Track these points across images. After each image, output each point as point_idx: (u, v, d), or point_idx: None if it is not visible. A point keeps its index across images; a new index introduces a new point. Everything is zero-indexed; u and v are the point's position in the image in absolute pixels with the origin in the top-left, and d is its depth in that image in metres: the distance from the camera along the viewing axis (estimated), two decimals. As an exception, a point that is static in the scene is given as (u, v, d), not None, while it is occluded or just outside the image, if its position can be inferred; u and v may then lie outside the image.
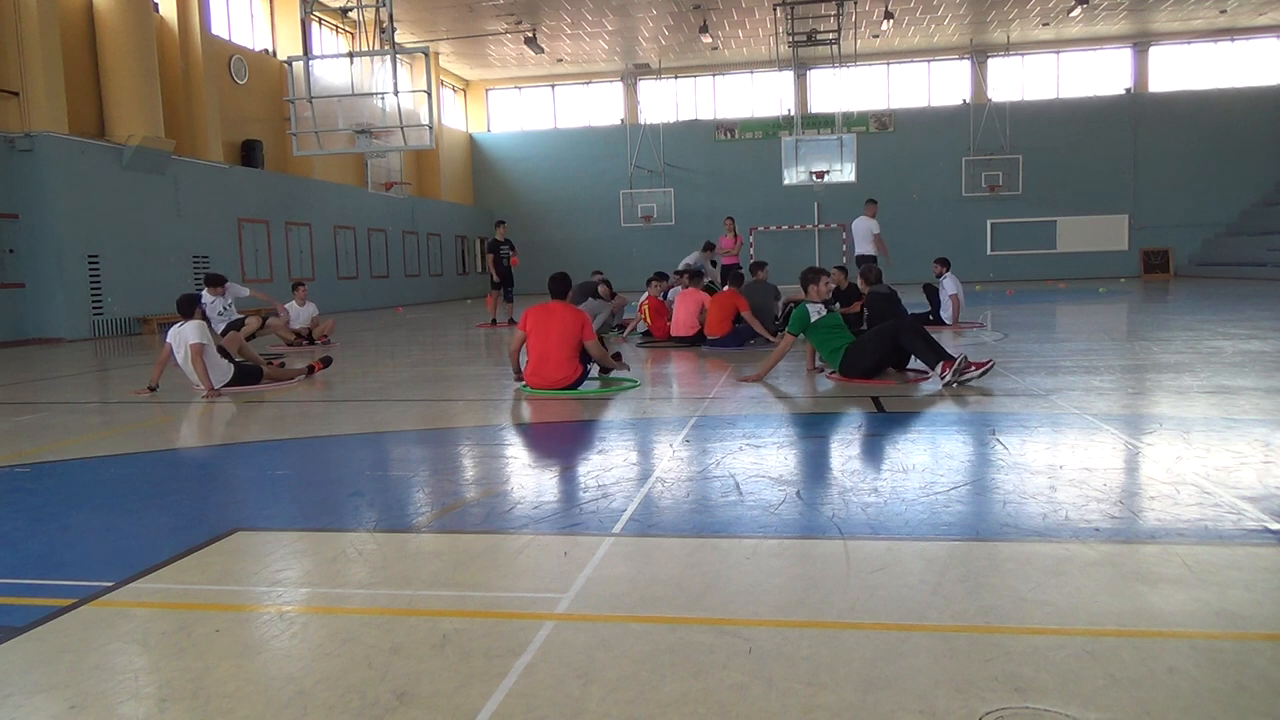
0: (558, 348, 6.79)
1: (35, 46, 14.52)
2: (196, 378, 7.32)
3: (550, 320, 6.84)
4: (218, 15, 20.18)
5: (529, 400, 6.70)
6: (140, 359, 11.07)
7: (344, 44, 24.43)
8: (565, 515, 3.53)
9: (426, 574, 2.97)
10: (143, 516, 3.84)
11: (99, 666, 2.28)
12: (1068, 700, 1.95)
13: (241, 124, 20.49)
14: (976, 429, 5.16)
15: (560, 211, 31.28)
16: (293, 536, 3.43)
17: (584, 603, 2.61)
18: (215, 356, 7.47)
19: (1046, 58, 29.76)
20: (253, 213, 19.75)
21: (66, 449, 5.27)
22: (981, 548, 3.02)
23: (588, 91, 32.02)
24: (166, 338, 7.46)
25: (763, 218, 30.07)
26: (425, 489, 4.19)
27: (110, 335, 15.36)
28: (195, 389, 7.42)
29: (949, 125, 29.38)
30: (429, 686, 2.11)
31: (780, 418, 5.68)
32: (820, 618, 2.46)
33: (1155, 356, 8.07)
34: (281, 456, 5.08)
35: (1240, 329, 10.21)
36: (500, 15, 24.40)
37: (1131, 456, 4.34)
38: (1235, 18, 27.06)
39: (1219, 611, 2.41)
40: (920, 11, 25.61)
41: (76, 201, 14.97)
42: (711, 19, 25.26)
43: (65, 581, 2.99)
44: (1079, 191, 28.81)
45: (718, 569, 2.87)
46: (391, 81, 12.32)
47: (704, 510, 3.58)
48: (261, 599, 2.75)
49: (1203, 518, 3.22)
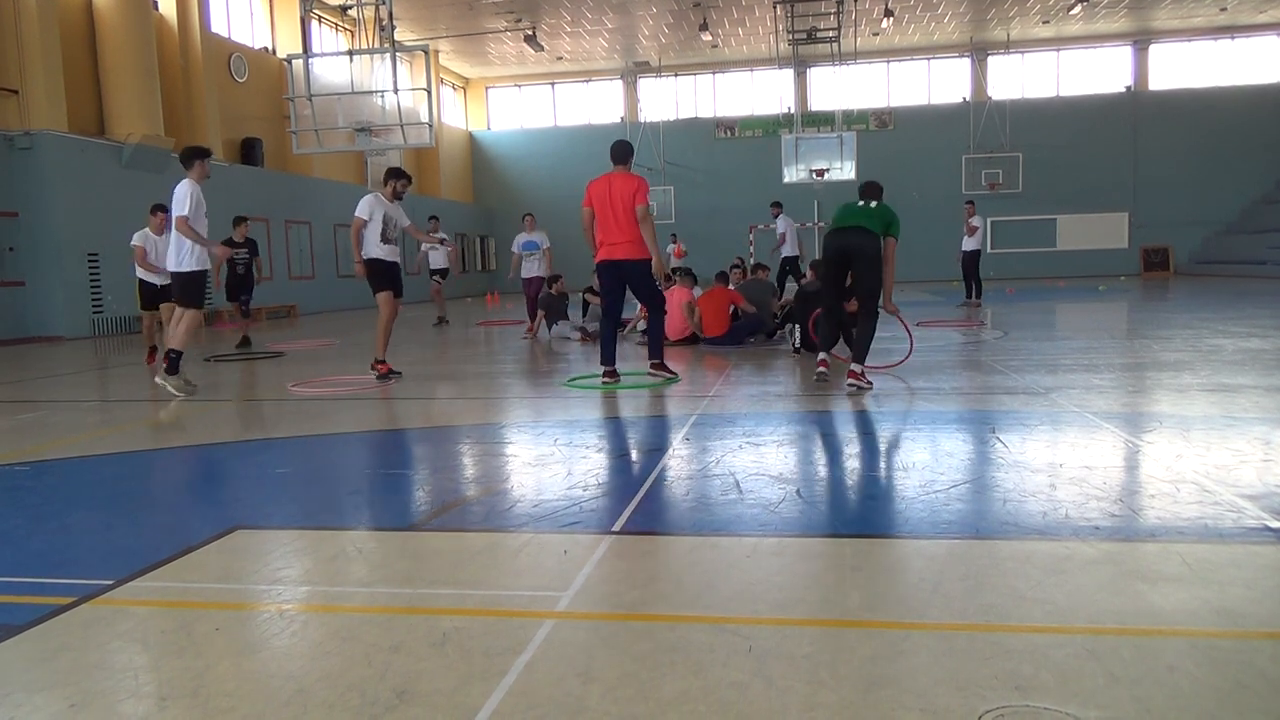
0: (617, 214, 7.14)
1: (35, 45, 14.51)
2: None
3: (610, 187, 7.19)
4: (217, 13, 20.16)
5: (530, 400, 6.70)
6: (140, 358, 11.07)
7: (344, 42, 24.40)
8: (565, 513, 3.53)
9: (426, 572, 2.97)
10: (142, 515, 3.84)
11: (99, 665, 2.28)
12: (1068, 699, 1.95)
13: (241, 122, 20.47)
14: (976, 427, 5.16)
15: (560, 210, 31.14)
16: (293, 535, 3.43)
17: (584, 601, 2.61)
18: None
19: (1047, 55, 29.74)
20: (253, 211, 19.65)
21: (66, 447, 5.27)
22: (981, 546, 3.02)
23: (588, 89, 32.01)
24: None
25: (763, 216, 29.89)
26: (425, 487, 4.18)
27: (110, 334, 15.36)
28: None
29: (949, 123, 29.36)
30: (429, 685, 2.11)
31: (780, 416, 5.68)
32: (820, 616, 2.46)
33: (1155, 354, 8.07)
34: (281, 455, 5.08)
35: (1240, 327, 10.21)
36: (500, 13, 24.38)
37: (1131, 455, 4.33)
38: (1235, 15, 27.04)
39: (1219, 610, 2.41)
40: (920, 9, 25.59)
41: (76, 200, 14.96)
42: (711, 17, 25.24)
43: (65, 580, 2.98)
44: (1079, 189, 28.80)
45: (717, 567, 2.87)
46: (391, 79, 12.31)
47: (704, 508, 3.58)
48: (261, 597, 2.75)
49: (1203, 516, 3.22)
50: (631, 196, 7.12)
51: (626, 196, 7.13)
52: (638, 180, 7.22)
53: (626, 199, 7.12)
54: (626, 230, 7.15)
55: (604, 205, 7.19)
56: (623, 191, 7.15)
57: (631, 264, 7.22)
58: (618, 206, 7.14)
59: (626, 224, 7.14)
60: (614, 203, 7.15)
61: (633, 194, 7.13)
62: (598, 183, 7.29)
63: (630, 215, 7.13)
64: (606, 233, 7.22)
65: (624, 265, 7.22)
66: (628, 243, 7.17)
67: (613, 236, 7.19)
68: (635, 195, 7.13)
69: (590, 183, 7.35)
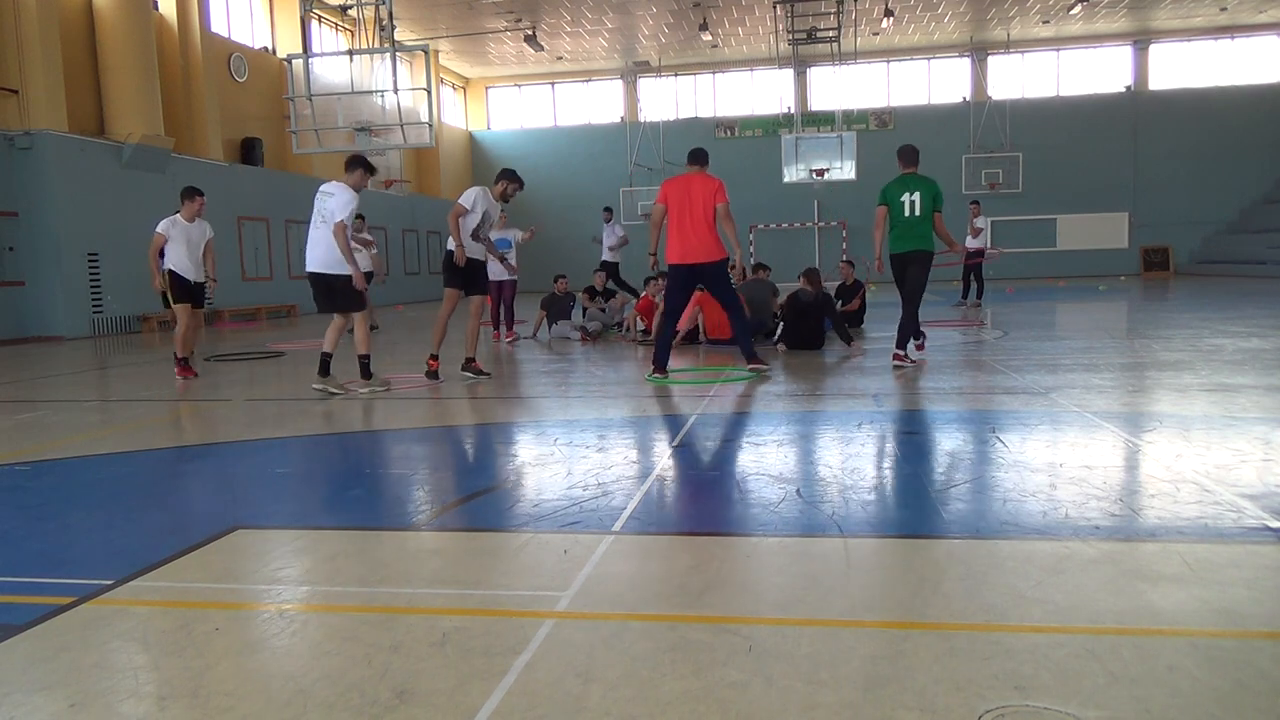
0: (695, 215, 7.20)
1: (35, 44, 14.51)
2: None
3: (689, 188, 7.26)
4: (217, 13, 20.16)
5: (530, 399, 6.70)
6: (140, 357, 11.06)
7: (343, 42, 24.40)
8: (565, 513, 3.53)
9: (426, 572, 2.97)
10: (142, 514, 3.84)
11: (98, 665, 2.28)
12: (1068, 698, 1.95)
13: (241, 122, 20.46)
14: (976, 427, 5.16)
15: (560, 209, 31.22)
16: (292, 534, 3.43)
17: (584, 601, 2.61)
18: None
19: (1047, 55, 29.72)
20: (253, 211, 19.73)
21: (66, 447, 5.27)
22: (981, 546, 3.02)
23: (588, 89, 32.00)
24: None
25: (763, 215, 30.03)
26: (425, 486, 4.18)
27: (110, 333, 15.35)
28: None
29: (949, 123, 29.34)
30: (429, 685, 2.11)
31: (780, 416, 5.68)
32: (820, 616, 2.46)
33: (1155, 354, 8.07)
34: (281, 454, 5.08)
35: (1240, 327, 10.20)
36: (500, 13, 24.37)
37: (1131, 454, 4.33)
38: (1235, 15, 27.03)
39: (1219, 609, 2.41)
40: (920, 9, 25.58)
41: (76, 199, 14.95)
42: (711, 16, 25.23)
43: (65, 580, 2.98)
44: (1079, 189, 28.78)
45: (717, 567, 2.87)
46: (391, 79, 12.31)
47: (704, 508, 3.58)
48: (261, 597, 2.75)
49: (1203, 515, 3.22)
50: (712, 195, 7.25)
51: (707, 195, 7.25)
52: (718, 181, 7.36)
53: (707, 198, 7.24)
54: (703, 230, 7.23)
55: (682, 204, 7.25)
56: (703, 191, 7.26)
57: (710, 266, 7.30)
58: (696, 205, 7.22)
59: (705, 223, 7.23)
60: (693, 201, 7.22)
61: (713, 193, 7.25)
62: (675, 182, 7.36)
63: (710, 215, 7.24)
64: (682, 232, 7.26)
65: (700, 269, 7.29)
66: (704, 244, 7.23)
67: (689, 236, 7.24)
68: (716, 194, 7.25)
69: (666, 181, 7.44)
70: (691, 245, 7.25)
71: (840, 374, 7.59)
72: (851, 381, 7.08)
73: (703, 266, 7.30)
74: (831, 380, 7.24)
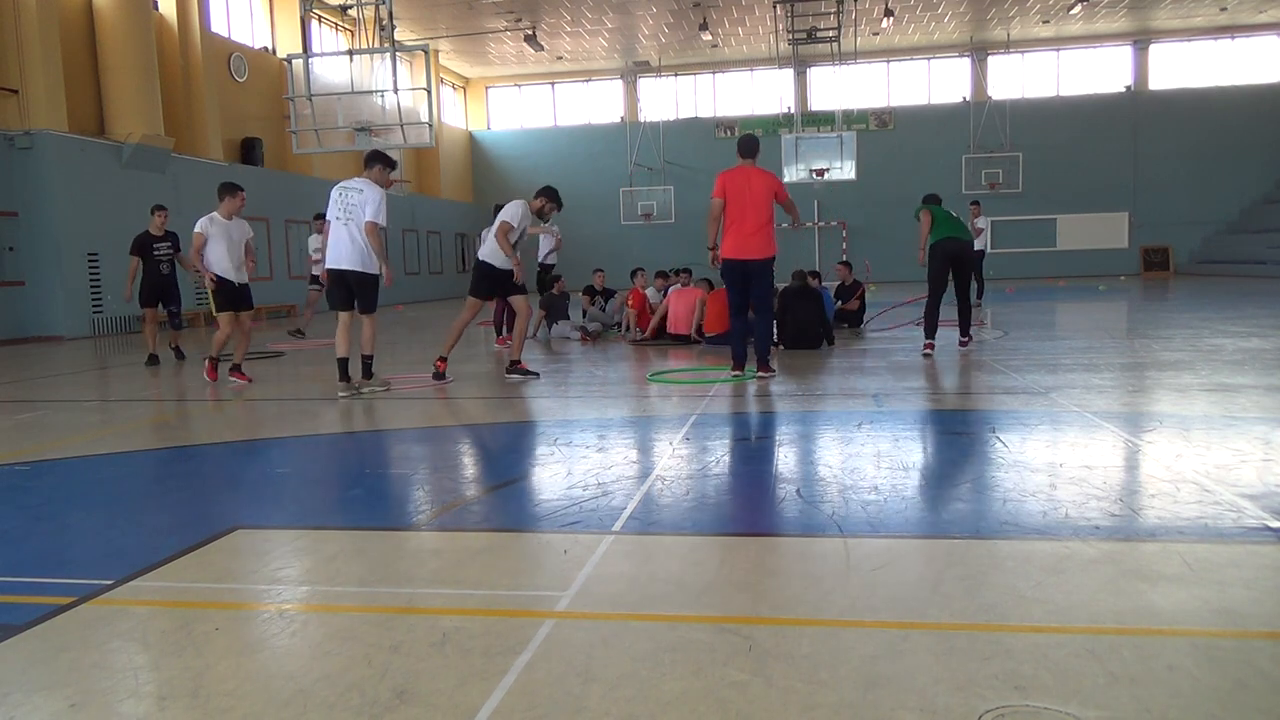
0: (757, 209, 7.14)
1: (35, 44, 14.50)
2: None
3: (748, 182, 7.19)
4: (217, 13, 20.15)
5: (531, 399, 6.69)
6: (140, 357, 11.07)
7: (344, 42, 24.40)
8: (565, 513, 3.53)
9: (426, 572, 2.97)
10: (142, 515, 3.84)
11: (98, 665, 2.28)
12: (1068, 698, 1.95)
13: (241, 122, 20.46)
14: (976, 427, 5.15)
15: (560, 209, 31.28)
16: (292, 534, 3.43)
17: (584, 601, 2.61)
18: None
19: (1047, 55, 29.72)
20: (252, 210, 19.56)
21: (66, 447, 5.27)
22: (981, 545, 3.02)
23: (588, 89, 31.99)
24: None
25: (763, 215, 30.03)
26: (425, 487, 4.18)
27: (110, 333, 15.35)
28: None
29: (949, 123, 29.34)
30: (428, 685, 2.11)
31: (780, 416, 5.68)
32: (820, 616, 2.46)
33: (1155, 354, 8.07)
34: (281, 454, 5.08)
35: (1240, 326, 10.20)
36: (500, 13, 24.37)
37: (1131, 454, 4.33)
38: (1235, 15, 27.02)
39: (1219, 609, 2.41)
40: (920, 9, 25.58)
41: (76, 199, 14.95)
42: (711, 16, 25.23)
43: (65, 580, 2.98)
44: (1079, 189, 28.78)
45: (717, 567, 2.87)
46: (391, 79, 12.31)
47: (704, 508, 3.58)
48: (261, 597, 2.75)
49: (1203, 515, 3.22)
50: (772, 191, 7.22)
51: (767, 190, 7.20)
52: (774, 175, 7.37)
53: (767, 193, 7.19)
54: (761, 225, 7.16)
55: (740, 198, 7.15)
56: (763, 185, 7.20)
57: (759, 263, 7.21)
58: (758, 199, 7.14)
59: (764, 218, 7.17)
60: (754, 195, 7.13)
61: (774, 189, 7.23)
62: (733, 175, 7.25)
63: (769, 209, 7.18)
64: (740, 226, 7.16)
65: (751, 264, 7.20)
66: (759, 240, 7.17)
67: (747, 230, 7.14)
68: (778, 189, 7.25)
69: (723, 174, 7.30)
70: (751, 242, 7.14)
71: (840, 374, 7.60)
72: (851, 381, 7.08)
73: (752, 263, 7.19)
74: (832, 380, 7.24)
